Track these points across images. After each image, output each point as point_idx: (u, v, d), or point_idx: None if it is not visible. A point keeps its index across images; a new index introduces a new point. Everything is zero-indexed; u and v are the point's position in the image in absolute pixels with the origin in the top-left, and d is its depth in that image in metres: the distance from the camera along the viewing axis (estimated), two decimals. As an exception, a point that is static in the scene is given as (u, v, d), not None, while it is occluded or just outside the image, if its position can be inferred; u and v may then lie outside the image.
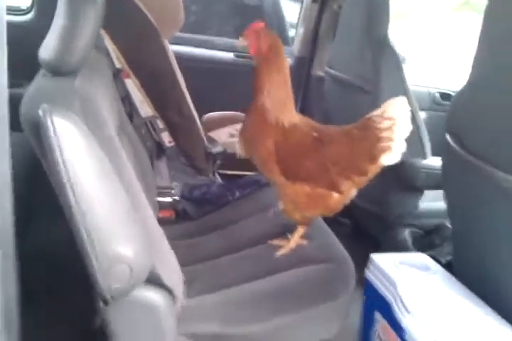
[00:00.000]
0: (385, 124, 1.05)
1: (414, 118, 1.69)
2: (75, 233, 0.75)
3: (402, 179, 1.70)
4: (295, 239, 1.21)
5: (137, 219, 0.85)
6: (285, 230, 1.27)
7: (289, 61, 2.40)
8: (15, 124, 0.82)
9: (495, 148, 1.08)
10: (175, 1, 1.52)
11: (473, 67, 1.16)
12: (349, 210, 2.05)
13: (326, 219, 1.77)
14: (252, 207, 1.44)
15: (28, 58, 0.96)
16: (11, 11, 1.98)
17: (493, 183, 1.05)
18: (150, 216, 0.91)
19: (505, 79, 1.04)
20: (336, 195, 1.11)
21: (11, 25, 1.95)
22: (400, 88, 1.66)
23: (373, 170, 1.09)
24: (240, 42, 1.11)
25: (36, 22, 1.91)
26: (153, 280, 0.84)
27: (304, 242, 1.23)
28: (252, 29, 1.10)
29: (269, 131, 1.09)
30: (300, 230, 1.21)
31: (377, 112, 1.06)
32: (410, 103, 1.64)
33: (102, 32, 1.35)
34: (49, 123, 0.73)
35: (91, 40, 0.94)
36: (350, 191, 1.13)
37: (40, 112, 0.75)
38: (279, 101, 1.09)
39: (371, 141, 1.06)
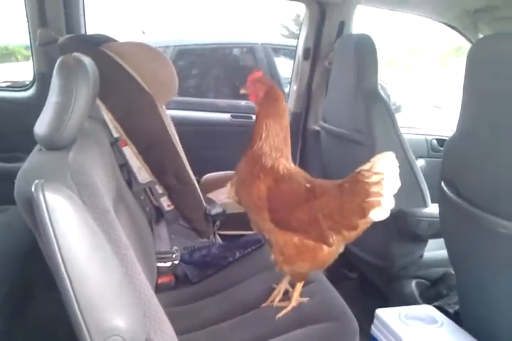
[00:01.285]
0: (373, 179, 1.05)
1: (411, 167, 1.72)
2: (67, 309, 0.75)
3: (405, 229, 1.69)
4: (295, 298, 1.20)
5: (131, 290, 0.85)
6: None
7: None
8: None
9: (487, 195, 1.09)
10: (168, 68, 1.59)
11: (460, 114, 1.19)
12: (355, 264, 2.05)
13: (332, 274, 1.76)
14: (253, 267, 1.42)
15: (29, 133, 1.00)
16: (14, 87, 2.09)
17: (492, 230, 1.05)
18: (145, 284, 0.91)
19: (489, 127, 1.07)
20: (325, 248, 1.10)
21: (13, 101, 2.06)
22: (395, 139, 1.70)
23: (363, 225, 1.09)
24: (242, 90, 1.15)
25: (37, 97, 2.01)
26: None
27: (305, 300, 1.21)
28: (251, 78, 1.13)
29: (263, 175, 1.10)
30: (298, 286, 1.19)
31: (366, 166, 1.07)
32: (406, 153, 1.69)
33: (98, 102, 1.41)
34: (41, 199, 0.75)
35: (84, 114, 0.99)
36: (339, 245, 1.12)
37: (33, 188, 0.77)
38: (276, 146, 1.09)
39: (361, 196, 1.06)
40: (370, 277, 2.00)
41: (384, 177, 1.05)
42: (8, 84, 2.10)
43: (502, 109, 1.02)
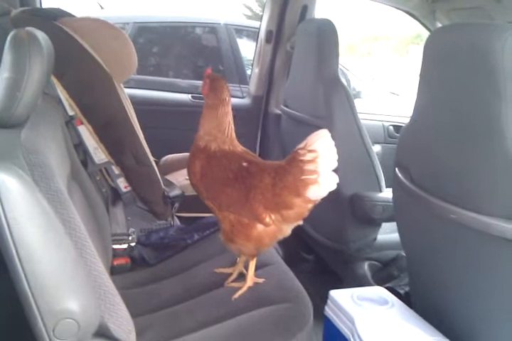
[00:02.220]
0: (308, 157, 1.04)
1: (368, 152, 1.76)
2: (18, 290, 0.73)
3: (359, 213, 1.73)
4: (250, 277, 1.21)
5: (85, 272, 0.84)
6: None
7: (245, 100, 2.48)
8: None
9: (437, 181, 1.12)
10: (127, 46, 1.55)
11: (415, 102, 1.22)
12: (311, 246, 2.09)
13: (289, 256, 1.79)
14: (211, 249, 1.43)
15: None
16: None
17: (441, 215, 1.09)
18: (99, 266, 0.90)
19: (441, 114, 1.10)
20: (260, 227, 1.12)
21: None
22: (353, 124, 1.72)
23: (300, 204, 1.09)
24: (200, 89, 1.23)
25: None
26: (103, 333, 0.82)
27: (260, 280, 1.23)
28: (205, 74, 1.21)
29: (198, 155, 1.17)
30: (251, 266, 1.21)
31: (301, 145, 1.07)
32: (363, 138, 1.72)
33: (53, 79, 1.36)
34: None
35: (37, 91, 0.95)
36: (280, 225, 1.13)
37: None
38: (209, 131, 1.16)
39: (295, 174, 1.06)
40: (326, 259, 2.05)
41: (319, 155, 1.04)
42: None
43: (452, 97, 1.05)
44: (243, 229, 1.13)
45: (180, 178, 1.82)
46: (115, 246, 1.41)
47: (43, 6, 1.99)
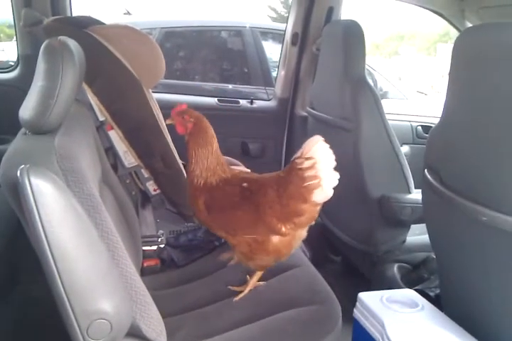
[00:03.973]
0: (306, 164, 1.07)
1: (396, 153, 1.74)
2: (53, 291, 0.76)
3: (388, 214, 1.72)
4: (252, 283, 1.24)
5: (117, 274, 0.86)
6: (272, 273, 1.28)
7: (271, 102, 2.49)
8: None
9: (468, 183, 1.11)
10: (155, 51, 1.58)
11: (445, 102, 1.21)
12: (339, 248, 2.08)
13: (316, 258, 1.78)
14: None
15: (14, 115, 0.99)
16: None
17: (472, 217, 1.07)
18: (131, 268, 0.92)
19: (473, 115, 1.08)
20: (275, 239, 1.14)
21: (-3, 82, 1.98)
22: (380, 125, 1.71)
23: (309, 209, 1.11)
24: (168, 121, 1.24)
25: (22, 79, 1.98)
26: (134, 334, 0.84)
27: (261, 283, 1.25)
28: (177, 110, 1.21)
29: (199, 193, 1.18)
30: (258, 274, 1.24)
31: (297, 154, 1.10)
32: (391, 139, 1.71)
33: (84, 86, 1.39)
34: (26, 183, 0.75)
35: (70, 98, 0.98)
36: (295, 232, 1.15)
37: (18, 173, 0.76)
38: (207, 168, 1.18)
39: (296, 182, 1.09)
40: (354, 261, 2.03)
41: (316, 161, 1.07)
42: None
43: (484, 97, 1.04)
44: (260, 246, 1.15)
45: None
46: (145, 248, 1.44)
47: (74, 15, 2.04)
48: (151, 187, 1.54)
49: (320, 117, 1.95)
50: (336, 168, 1.09)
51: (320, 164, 1.07)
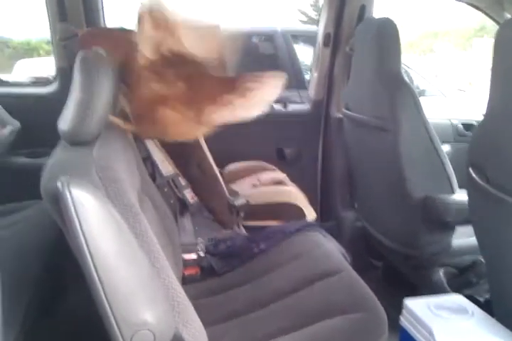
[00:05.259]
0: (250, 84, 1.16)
1: (437, 152, 1.69)
2: (96, 301, 0.76)
3: (432, 216, 1.66)
4: None
5: (159, 284, 0.86)
6: (314, 279, 1.26)
7: (305, 105, 2.46)
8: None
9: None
10: None
11: (489, 97, 1.16)
12: (380, 252, 2.03)
13: (358, 263, 1.75)
14: (279, 258, 1.42)
15: (54, 128, 1.01)
16: (38, 82, 2.11)
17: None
18: (172, 278, 0.91)
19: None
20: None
21: (37, 96, 2.07)
22: (420, 124, 1.66)
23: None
24: None
25: (60, 92, 2.02)
26: None
27: None
28: None
29: None
30: None
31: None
32: (431, 138, 1.66)
33: (121, 96, 1.41)
34: (67, 194, 0.76)
35: (106, 109, 0.99)
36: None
37: (59, 184, 0.77)
38: None
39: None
40: (397, 265, 1.98)
41: (260, 86, 1.16)
42: (33, 79, 2.13)
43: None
44: None
45: (245, 187, 1.83)
46: (185, 256, 1.44)
47: (107, 26, 2.08)
48: (189, 195, 1.54)
49: (356, 118, 1.91)
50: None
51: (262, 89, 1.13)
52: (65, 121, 0.95)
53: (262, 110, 1.13)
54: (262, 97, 1.14)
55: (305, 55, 3.48)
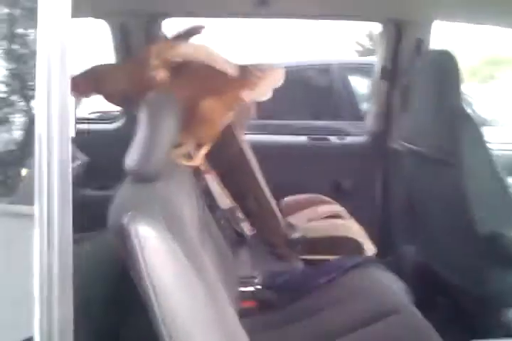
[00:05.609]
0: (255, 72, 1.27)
1: (503, 186, 1.62)
2: (156, 332, 0.77)
3: (499, 253, 1.58)
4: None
5: (216, 317, 0.86)
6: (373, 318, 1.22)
7: (363, 137, 2.44)
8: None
9: None
10: None
11: None
12: (446, 290, 1.94)
13: (421, 301, 1.67)
14: (337, 293, 1.39)
15: (119, 162, 1.06)
16: (104, 119, 2.23)
17: None
18: (229, 311, 0.92)
19: None
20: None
21: (104, 132, 2.17)
22: (484, 156, 1.61)
23: (229, 97, 1.28)
24: None
25: (126, 129, 2.12)
26: None
27: None
28: None
29: None
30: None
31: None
32: (497, 170, 1.60)
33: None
34: (131, 230, 0.79)
35: (169, 147, 1.04)
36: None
37: (125, 220, 0.81)
38: None
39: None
40: (463, 304, 1.88)
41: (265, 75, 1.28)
42: (100, 114, 2.25)
43: None
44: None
45: (302, 220, 1.82)
46: (242, 289, 1.44)
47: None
48: (246, 227, 1.55)
49: (416, 151, 1.87)
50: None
51: (266, 78, 1.25)
52: (131, 159, 0.99)
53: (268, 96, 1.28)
54: (267, 87, 1.28)
55: (361, 85, 3.49)
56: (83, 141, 2.12)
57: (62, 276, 0.66)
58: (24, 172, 0.77)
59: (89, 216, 0.98)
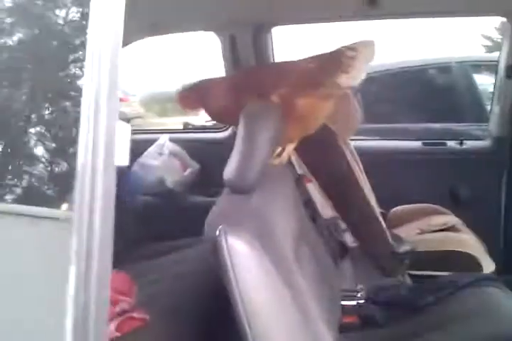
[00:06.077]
0: (347, 53, 1.19)
1: None
2: None
3: None
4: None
5: (308, 337, 0.85)
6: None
7: (486, 142, 2.23)
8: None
9: None
10: (351, 106, 1.58)
11: None
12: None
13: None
14: (449, 314, 1.29)
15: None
16: (214, 128, 2.32)
17: None
18: (323, 331, 0.90)
19: None
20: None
21: (213, 141, 2.24)
22: None
23: (328, 85, 1.22)
24: None
25: (233, 138, 2.17)
26: None
27: None
28: None
29: None
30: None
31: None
32: None
33: None
34: (223, 244, 0.81)
35: (266, 159, 1.04)
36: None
37: (217, 233, 0.83)
38: None
39: (331, 62, 1.22)
40: None
41: (357, 53, 1.18)
42: (211, 124, 2.34)
43: None
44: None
45: (412, 232, 1.72)
46: (344, 303, 1.40)
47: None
48: (349, 238, 1.51)
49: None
50: None
51: (359, 56, 1.18)
52: (228, 171, 1.02)
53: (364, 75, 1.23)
54: (362, 66, 1.21)
55: (488, 84, 3.22)
56: (195, 149, 2.24)
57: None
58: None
59: (200, 221, 1.02)
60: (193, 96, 1.38)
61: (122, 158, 0.58)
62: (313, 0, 1.59)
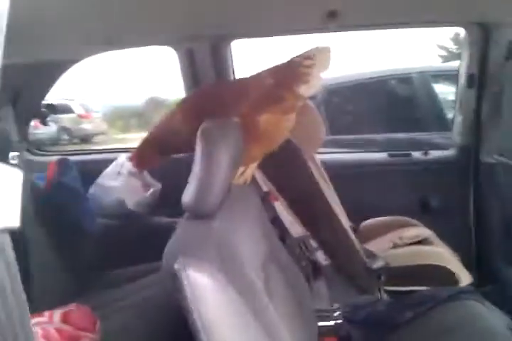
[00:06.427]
0: (304, 63, 1.18)
1: None
2: None
3: None
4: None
5: None
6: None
7: (450, 151, 2.24)
8: None
9: None
10: (316, 121, 1.56)
11: None
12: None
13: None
14: (428, 330, 1.25)
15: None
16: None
17: None
18: None
19: None
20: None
21: (174, 159, 2.13)
22: None
23: (289, 98, 1.20)
24: None
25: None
26: None
27: None
28: None
29: None
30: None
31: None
32: None
33: None
34: (184, 278, 0.75)
35: (226, 182, 0.97)
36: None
37: (176, 266, 0.76)
38: None
39: (289, 75, 1.20)
40: None
41: (313, 62, 1.17)
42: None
43: None
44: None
45: (384, 246, 1.68)
46: (321, 324, 1.33)
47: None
48: (321, 257, 1.45)
49: (513, 165, 1.67)
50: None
51: (316, 64, 1.17)
52: (187, 195, 0.95)
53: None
54: (318, 75, 1.20)
55: (447, 93, 3.28)
56: (156, 167, 2.15)
57: None
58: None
59: (162, 244, 0.95)
60: (148, 152, 1.41)
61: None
62: (274, 13, 1.55)
